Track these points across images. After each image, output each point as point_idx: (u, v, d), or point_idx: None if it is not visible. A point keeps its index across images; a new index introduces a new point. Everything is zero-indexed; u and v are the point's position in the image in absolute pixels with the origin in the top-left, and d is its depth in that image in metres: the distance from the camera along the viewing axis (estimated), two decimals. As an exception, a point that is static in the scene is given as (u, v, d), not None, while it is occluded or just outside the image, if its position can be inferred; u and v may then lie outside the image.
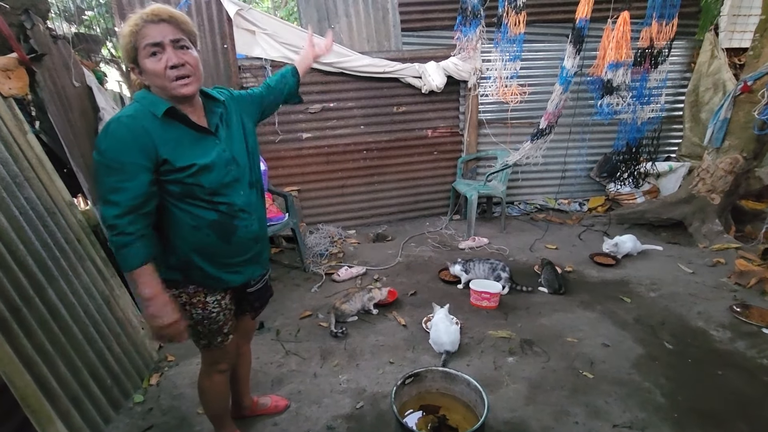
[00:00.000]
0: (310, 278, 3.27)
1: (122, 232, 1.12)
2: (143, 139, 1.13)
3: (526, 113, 4.38)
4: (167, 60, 1.13)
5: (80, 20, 4.42)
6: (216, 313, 1.36)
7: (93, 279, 2.03)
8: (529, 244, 3.78)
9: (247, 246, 1.35)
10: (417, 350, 2.32)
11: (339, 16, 4.12)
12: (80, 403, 1.69)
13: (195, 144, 1.21)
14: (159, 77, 1.14)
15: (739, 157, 3.49)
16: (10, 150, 1.78)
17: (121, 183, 1.11)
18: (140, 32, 1.12)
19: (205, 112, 1.28)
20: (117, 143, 1.11)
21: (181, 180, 1.18)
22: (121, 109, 1.19)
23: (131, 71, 1.20)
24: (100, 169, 1.13)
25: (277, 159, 4.01)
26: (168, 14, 1.14)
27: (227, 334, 1.42)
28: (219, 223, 1.26)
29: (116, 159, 1.11)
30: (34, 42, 2.17)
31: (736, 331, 2.39)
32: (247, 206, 1.31)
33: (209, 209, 1.23)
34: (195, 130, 1.22)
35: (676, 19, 3.33)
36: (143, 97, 1.19)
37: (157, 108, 1.16)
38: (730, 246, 3.41)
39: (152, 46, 1.12)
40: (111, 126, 1.13)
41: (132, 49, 1.14)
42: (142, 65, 1.15)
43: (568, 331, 2.44)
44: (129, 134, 1.12)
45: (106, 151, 1.12)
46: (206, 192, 1.21)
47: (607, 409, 1.86)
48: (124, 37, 1.13)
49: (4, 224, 1.58)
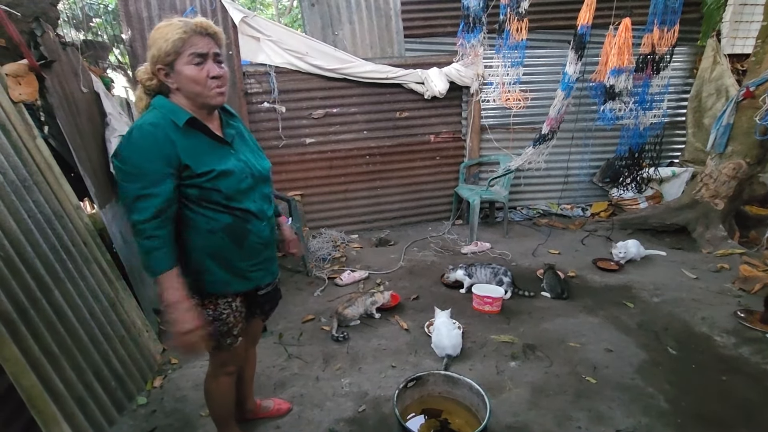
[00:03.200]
0: (313, 282, 3.28)
1: (151, 236, 1.16)
2: (166, 147, 1.16)
3: (529, 119, 4.40)
4: (209, 70, 1.20)
5: (88, 28, 4.49)
6: (227, 315, 1.38)
7: (99, 281, 2.05)
8: (531, 249, 3.77)
9: (257, 250, 1.38)
10: (419, 354, 2.32)
11: (343, 22, 4.17)
12: (85, 404, 1.70)
13: (212, 152, 1.25)
14: (199, 84, 1.20)
15: (743, 162, 3.48)
16: (19, 154, 1.81)
17: (146, 189, 1.15)
18: (189, 40, 1.16)
19: (222, 124, 1.34)
20: (141, 151, 1.15)
21: (200, 185, 1.22)
22: (142, 116, 1.21)
23: (157, 72, 1.21)
24: (124, 176, 1.16)
25: (281, 164, 4.03)
26: (213, 30, 1.21)
27: (237, 336, 1.44)
28: (233, 227, 1.29)
29: (142, 166, 1.15)
30: (44, 49, 2.21)
31: (741, 336, 2.38)
32: (259, 213, 1.35)
33: (225, 213, 1.27)
34: (213, 139, 1.27)
35: (677, 26, 3.34)
36: (162, 105, 1.22)
37: (178, 117, 1.20)
38: (735, 251, 3.39)
39: (198, 56, 1.18)
40: (134, 134, 1.16)
41: (173, 53, 1.17)
42: (180, 70, 1.19)
43: (571, 336, 2.43)
44: (153, 142, 1.15)
45: (129, 158, 1.15)
46: (223, 197, 1.25)
47: (611, 414, 1.86)
48: (167, 41, 1.15)
49: (13, 227, 1.60)
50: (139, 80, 1.26)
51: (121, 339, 2.06)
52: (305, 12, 4.17)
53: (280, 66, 3.83)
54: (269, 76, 3.84)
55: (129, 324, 2.17)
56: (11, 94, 1.89)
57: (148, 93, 1.27)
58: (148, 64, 1.23)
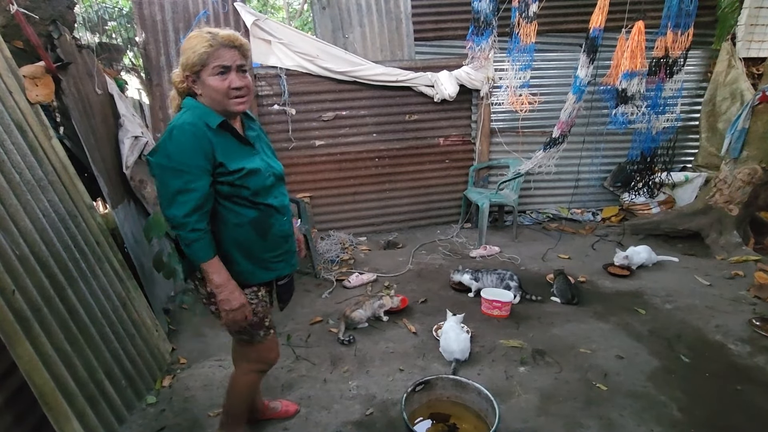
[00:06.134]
0: (321, 284, 3.28)
1: (194, 229, 1.24)
2: (205, 145, 1.24)
3: (539, 122, 4.37)
4: (231, 82, 1.26)
5: (103, 30, 4.57)
6: (255, 304, 1.44)
7: (110, 281, 2.07)
8: (541, 253, 3.74)
9: (279, 242, 1.45)
10: (427, 358, 2.31)
11: (353, 26, 4.18)
12: (96, 402, 1.72)
13: (240, 152, 1.34)
14: (220, 94, 1.27)
15: (758, 167, 3.42)
16: (35, 154, 1.84)
17: (188, 184, 1.22)
18: (214, 53, 1.24)
19: (244, 128, 1.42)
20: (184, 147, 1.22)
21: (232, 182, 1.30)
22: (178, 117, 1.29)
23: (186, 78, 1.30)
24: (167, 172, 1.23)
25: (290, 166, 4.06)
26: (240, 42, 1.28)
27: (269, 327, 1.50)
28: (258, 221, 1.37)
29: (184, 162, 1.22)
30: (60, 51, 2.25)
31: (756, 345, 2.33)
32: (281, 208, 1.44)
33: (251, 208, 1.35)
34: (239, 140, 1.35)
35: (692, 29, 3.30)
36: (195, 107, 1.30)
37: (211, 119, 1.28)
38: (749, 258, 3.33)
39: (222, 68, 1.25)
40: (175, 132, 1.23)
41: (199, 65, 1.24)
42: (205, 80, 1.26)
43: (581, 342, 2.40)
44: (194, 139, 1.23)
45: (173, 154, 1.22)
46: (250, 193, 1.33)
47: (622, 422, 1.82)
48: (195, 53, 1.23)
49: (28, 226, 1.63)
50: (173, 83, 1.36)
51: (132, 338, 2.08)
52: (316, 15, 4.19)
53: (291, 69, 3.86)
54: (280, 79, 3.87)
55: (139, 323, 2.19)
56: (28, 96, 1.93)
57: (180, 94, 1.36)
58: (179, 70, 1.32)
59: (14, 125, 1.76)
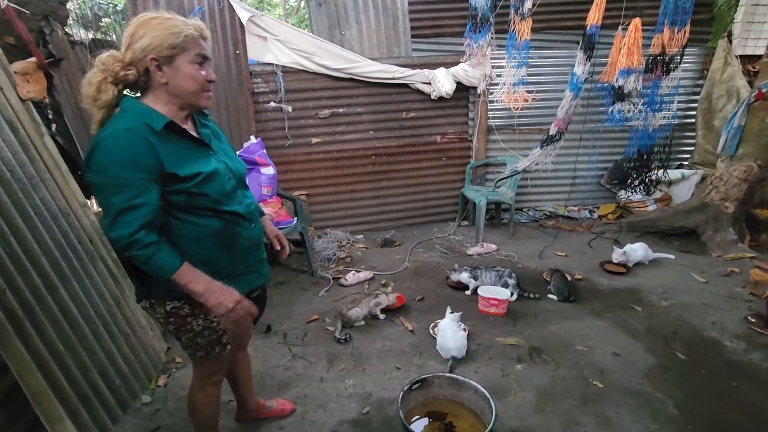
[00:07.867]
0: (318, 282, 3.27)
1: (146, 244, 1.10)
2: (147, 152, 1.09)
3: (536, 119, 4.36)
4: (208, 74, 1.20)
5: (97, 27, 4.53)
6: (217, 323, 1.34)
7: (104, 279, 2.05)
8: (538, 251, 3.74)
9: (249, 252, 1.35)
10: (424, 356, 2.30)
11: (350, 23, 4.16)
12: (89, 402, 1.70)
13: (193, 155, 1.20)
14: (197, 85, 1.18)
15: (754, 165, 3.43)
16: (27, 152, 1.81)
17: (133, 200, 1.07)
18: (195, 41, 1.16)
19: (197, 125, 1.29)
20: (120, 159, 1.07)
21: (188, 190, 1.16)
22: (110, 123, 1.11)
23: (149, 62, 1.12)
24: (105, 188, 1.08)
25: (287, 163, 4.03)
26: (207, 35, 1.21)
27: (226, 344, 1.40)
28: (222, 232, 1.24)
29: (122, 176, 1.07)
30: (52, 47, 2.23)
31: (751, 342, 2.34)
32: (248, 214, 1.32)
33: (213, 217, 1.22)
34: (191, 141, 1.22)
35: (688, 26, 3.30)
36: (134, 107, 1.15)
37: (154, 121, 1.13)
38: (745, 255, 3.34)
39: (201, 57, 1.18)
40: (107, 142, 1.07)
41: (180, 48, 1.12)
42: (181, 67, 1.14)
43: (578, 340, 2.40)
44: (132, 148, 1.08)
45: (109, 167, 1.06)
46: (211, 201, 1.20)
47: (618, 419, 1.83)
48: (177, 34, 1.11)
49: (20, 224, 1.61)
50: (107, 68, 1.11)
51: (126, 337, 2.06)
52: (312, 12, 4.17)
53: (287, 65, 3.83)
54: (276, 76, 3.84)
55: (134, 322, 2.17)
56: (20, 92, 1.90)
57: (112, 84, 1.12)
58: (126, 53, 1.13)
59: (5, 122, 1.73)
